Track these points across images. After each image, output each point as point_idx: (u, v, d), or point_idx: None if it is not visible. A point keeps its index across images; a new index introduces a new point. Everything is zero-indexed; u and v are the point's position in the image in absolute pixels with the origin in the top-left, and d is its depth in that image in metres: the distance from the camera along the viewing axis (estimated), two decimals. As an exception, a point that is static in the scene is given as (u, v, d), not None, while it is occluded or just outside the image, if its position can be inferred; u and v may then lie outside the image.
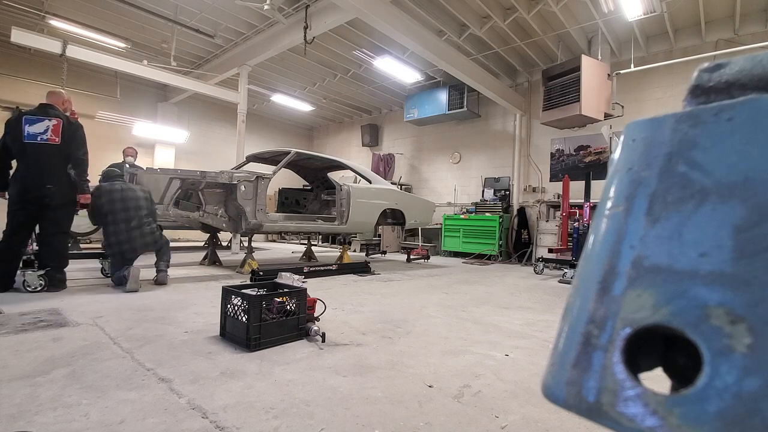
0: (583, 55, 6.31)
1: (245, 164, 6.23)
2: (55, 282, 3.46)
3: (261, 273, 4.13)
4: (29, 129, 3.39)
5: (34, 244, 3.70)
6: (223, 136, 11.40)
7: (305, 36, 6.00)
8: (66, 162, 3.51)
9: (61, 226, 3.57)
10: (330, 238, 10.42)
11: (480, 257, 8.21)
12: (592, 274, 0.33)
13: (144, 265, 3.94)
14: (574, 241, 5.92)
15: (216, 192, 4.81)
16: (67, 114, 3.66)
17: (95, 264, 4.65)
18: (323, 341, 2.31)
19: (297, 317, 2.36)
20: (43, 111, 3.49)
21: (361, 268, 5.46)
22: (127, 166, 5.12)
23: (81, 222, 6.96)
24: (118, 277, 3.69)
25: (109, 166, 4.82)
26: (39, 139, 3.39)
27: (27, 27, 6.42)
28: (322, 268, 5.13)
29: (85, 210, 4.31)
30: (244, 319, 2.19)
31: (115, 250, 3.74)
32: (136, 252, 3.83)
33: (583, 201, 6.06)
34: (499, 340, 2.52)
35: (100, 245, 6.13)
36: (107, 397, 1.52)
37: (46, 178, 3.40)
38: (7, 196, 3.51)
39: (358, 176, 6.44)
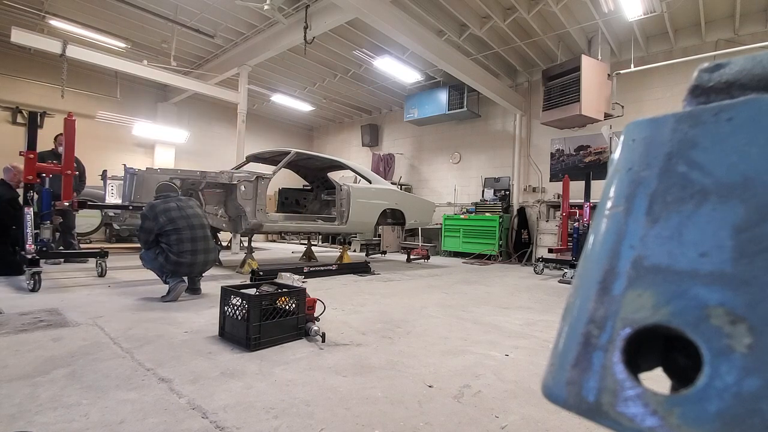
0: (583, 55, 6.31)
1: (245, 164, 6.23)
2: None
3: (261, 273, 4.14)
4: None
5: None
6: (223, 136, 11.40)
7: (305, 36, 6.00)
8: None
9: None
10: (330, 238, 10.41)
11: (480, 257, 8.21)
12: (592, 274, 0.33)
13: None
14: (574, 241, 5.92)
15: (216, 192, 4.81)
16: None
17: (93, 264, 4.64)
18: (323, 341, 2.31)
19: (296, 317, 2.36)
20: None
21: (361, 268, 5.46)
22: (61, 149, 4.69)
23: (81, 222, 7.00)
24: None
25: (49, 151, 4.96)
26: None
27: (27, 27, 6.42)
28: (322, 268, 5.12)
29: (83, 209, 4.29)
30: (243, 318, 2.19)
31: (177, 269, 3.29)
32: (201, 272, 3.52)
33: (583, 201, 6.06)
34: (499, 340, 2.52)
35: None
36: (107, 397, 1.52)
37: None
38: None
39: (358, 176, 6.44)
